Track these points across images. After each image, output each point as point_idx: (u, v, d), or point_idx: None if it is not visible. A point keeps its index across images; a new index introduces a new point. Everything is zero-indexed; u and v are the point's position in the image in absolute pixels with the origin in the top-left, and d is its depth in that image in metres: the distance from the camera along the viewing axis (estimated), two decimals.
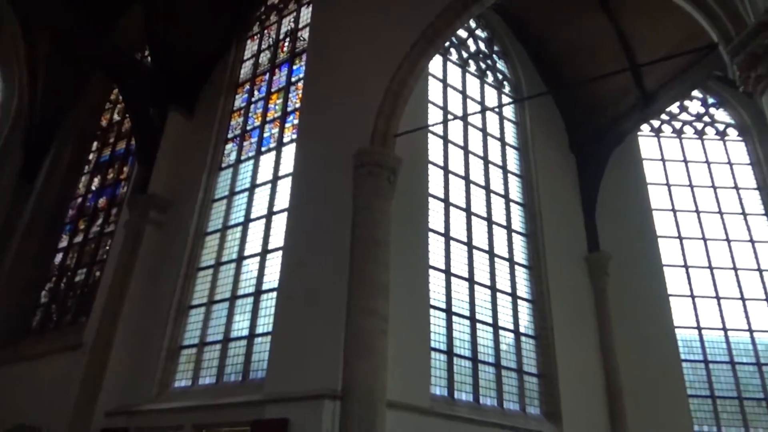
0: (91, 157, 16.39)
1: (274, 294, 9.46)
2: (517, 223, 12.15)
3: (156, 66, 13.89)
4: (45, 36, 16.32)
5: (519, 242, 11.93)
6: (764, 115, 6.47)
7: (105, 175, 15.42)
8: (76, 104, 17.05)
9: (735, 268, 12.97)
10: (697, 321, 12.41)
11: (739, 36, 6.57)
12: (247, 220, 10.94)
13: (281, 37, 13.31)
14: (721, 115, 15.08)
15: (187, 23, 13.44)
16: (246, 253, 10.55)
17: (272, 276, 9.79)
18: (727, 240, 13.33)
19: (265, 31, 13.89)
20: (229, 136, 12.69)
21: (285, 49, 13.04)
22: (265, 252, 10.20)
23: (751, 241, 13.27)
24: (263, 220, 10.63)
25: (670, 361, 11.76)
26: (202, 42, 13.69)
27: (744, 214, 13.60)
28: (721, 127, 14.90)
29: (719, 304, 12.60)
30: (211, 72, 13.84)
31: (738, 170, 14.25)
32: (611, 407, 11.19)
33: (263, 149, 11.72)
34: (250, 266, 10.38)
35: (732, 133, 14.80)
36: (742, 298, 12.63)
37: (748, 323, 12.35)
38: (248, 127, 12.47)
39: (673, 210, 13.73)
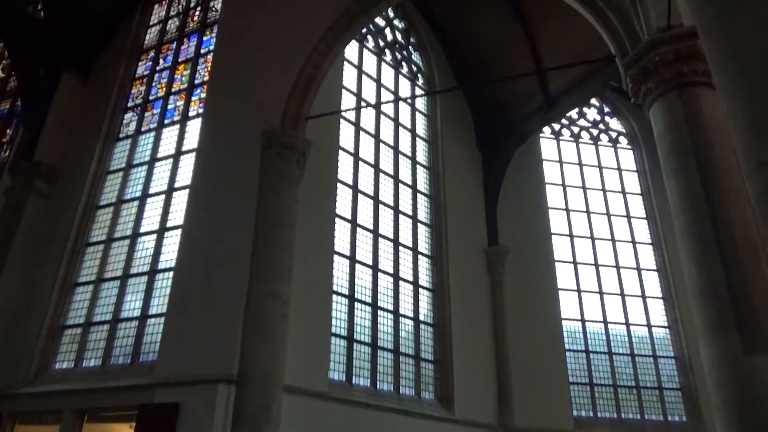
0: None
1: (171, 274, 9.06)
2: (423, 213, 12.42)
3: (50, 22, 12.75)
4: None
5: (423, 232, 12.20)
6: (651, 126, 7.02)
7: None
8: None
9: (617, 267, 14.03)
10: (582, 314, 13.33)
11: (633, 51, 7.06)
12: (145, 195, 10.37)
13: (192, 5, 12.65)
14: (615, 123, 16.18)
15: None
16: (142, 230, 10.00)
17: (169, 255, 9.36)
18: (612, 240, 14.38)
19: None
20: (129, 104, 11.93)
21: (195, 18, 12.41)
22: (163, 230, 9.72)
23: (633, 242, 14.39)
24: (163, 197, 10.12)
25: (555, 351, 12.54)
26: (105, 1, 12.71)
27: (628, 216, 14.71)
28: (614, 134, 15.99)
29: (602, 299, 13.58)
30: (113, 34, 12.89)
31: (626, 176, 15.37)
32: (500, 392, 11.79)
33: (166, 121, 11.13)
34: (146, 244, 9.85)
35: (623, 141, 15.92)
36: (622, 294, 13.70)
37: (626, 317, 13.43)
38: (151, 97, 11.77)
39: (567, 210, 14.59)
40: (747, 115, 2.59)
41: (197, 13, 12.44)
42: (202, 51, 11.66)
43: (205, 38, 11.85)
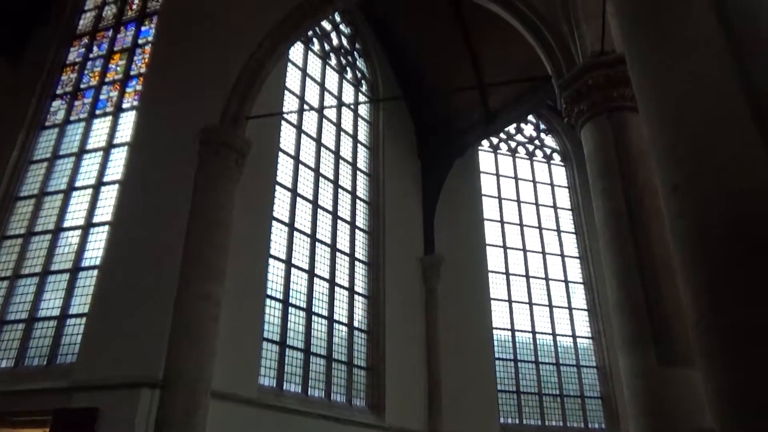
0: None
1: (95, 272, 8.66)
2: (361, 220, 12.44)
3: None
4: None
5: (361, 239, 12.22)
6: (582, 146, 7.34)
7: None
8: None
9: (547, 278, 14.53)
10: (512, 323, 13.71)
11: (569, 73, 7.37)
12: (71, 188, 9.87)
13: None
14: (550, 141, 16.79)
15: None
16: (65, 225, 9.51)
17: (95, 253, 8.94)
18: (543, 253, 14.88)
19: None
20: (58, 92, 11.33)
21: (134, 7, 11.96)
22: (89, 225, 9.28)
23: (562, 255, 14.96)
24: (90, 191, 9.66)
25: (485, 359, 12.83)
26: None
27: (558, 231, 15.28)
28: (548, 151, 16.58)
29: (531, 310, 14.02)
30: (43, 16, 12.23)
31: (558, 191, 15.96)
32: (430, 399, 11.93)
33: (98, 112, 10.64)
34: (70, 240, 9.38)
35: (557, 158, 16.54)
36: (550, 305, 14.19)
37: (553, 327, 13.93)
38: (82, 86, 11.24)
39: (501, 222, 14.99)
40: (664, 141, 2.76)
41: (136, 1, 12.00)
42: (140, 41, 11.26)
43: (143, 28, 11.45)
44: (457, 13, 12.59)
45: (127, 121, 10.12)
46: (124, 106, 10.43)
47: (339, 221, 11.74)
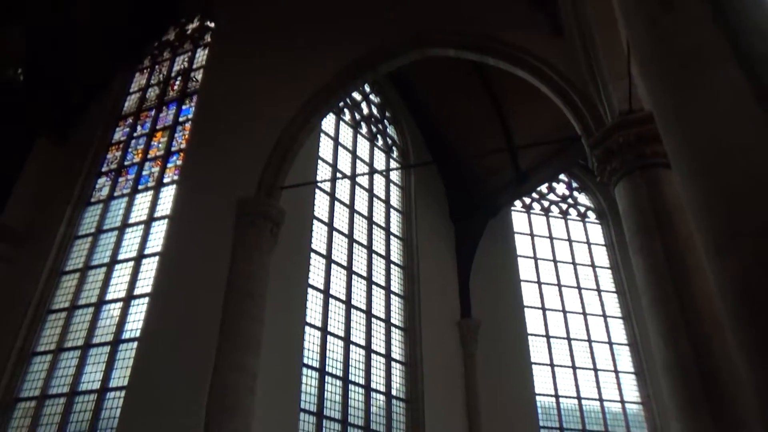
0: None
1: (135, 344, 8.76)
2: (396, 284, 12.38)
3: (30, 84, 12.81)
4: None
5: (397, 304, 12.12)
6: (617, 202, 7.27)
7: None
8: None
9: (590, 341, 14.03)
10: (555, 389, 13.16)
11: (598, 132, 7.40)
12: (114, 261, 10.16)
13: (173, 75, 12.92)
14: (583, 199, 16.65)
15: (72, 45, 12.63)
16: (108, 298, 9.74)
17: (135, 325, 9.09)
18: (584, 314, 14.45)
19: (157, 67, 13.42)
20: (104, 169, 11.89)
21: (175, 87, 12.65)
22: (130, 298, 9.48)
23: (604, 315, 14.49)
24: (132, 263, 9.93)
25: (529, 427, 12.28)
26: (87, 67, 12.85)
27: (599, 290, 14.88)
28: (582, 209, 16.42)
29: (575, 374, 13.48)
30: (93, 101, 13.01)
31: (595, 250, 15.66)
32: None
33: (140, 187, 11.09)
34: (112, 312, 9.57)
35: (591, 215, 16.34)
36: (595, 369, 13.63)
37: (599, 392, 13.31)
38: (126, 163, 11.78)
39: (539, 282, 14.71)
40: (701, 202, 2.72)
41: (177, 82, 12.70)
42: (181, 119, 11.82)
43: (184, 107, 12.04)
44: (483, 78, 12.92)
45: (168, 195, 10.50)
46: (165, 180, 10.85)
47: (374, 287, 11.71)
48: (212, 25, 13.12)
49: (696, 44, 3.24)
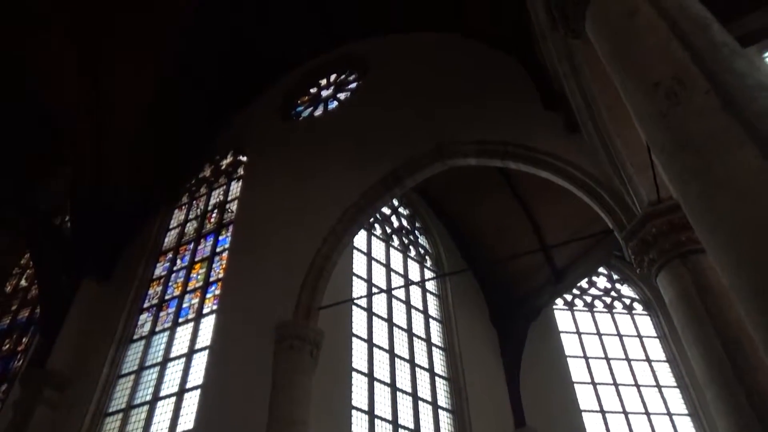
0: None
1: None
2: (443, 398, 11.87)
3: (76, 233, 13.54)
4: None
5: (445, 419, 11.54)
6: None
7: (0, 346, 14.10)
8: None
9: None
10: None
11: (629, 225, 7.35)
12: (155, 398, 10.08)
13: (209, 208, 13.54)
14: (627, 290, 16.16)
15: (113, 190, 13.45)
16: None
17: None
18: (647, 413, 13.48)
19: (194, 202, 14.12)
20: (145, 305, 12.16)
21: (212, 220, 13.20)
22: None
23: (668, 414, 13.48)
24: (173, 399, 9.83)
25: None
26: (127, 208, 13.60)
27: (659, 386, 13.97)
28: (627, 301, 15.88)
29: None
30: (133, 238, 13.61)
31: (648, 343, 14.91)
32: None
33: (180, 320, 11.24)
34: None
35: (638, 307, 15.76)
36: None
37: None
38: (167, 297, 12.05)
39: (593, 383, 13.93)
40: (744, 290, 2.64)
41: (214, 214, 13.27)
42: (218, 249, 12.20)
43: (220, 237, 12.48)
44: (509, 181, 13.17)
45: (208, 326, 10.58)
46: (205, 311, 11.00)
47: (420, 402, 11.25)
48: (244, 158, 13.93)
49: (708, 131, 3.30)
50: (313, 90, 14.92)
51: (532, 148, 9.54)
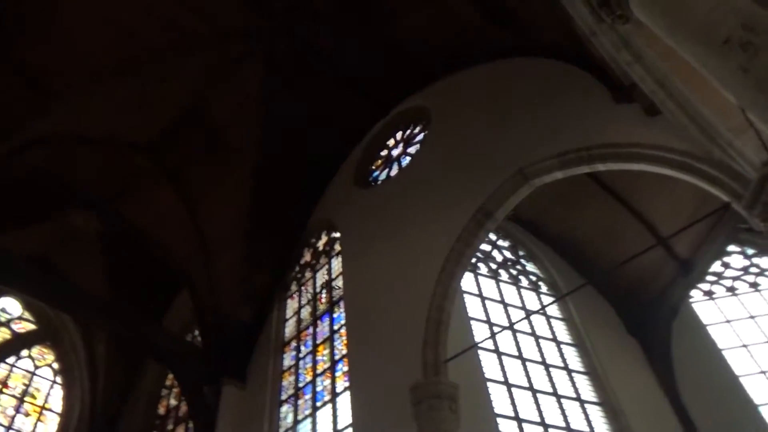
0: None
1: None
2: (601, 426, 11.10)
3: (206, 342, 14.49)
4: (102, 336, 17.40)
5: None
6: None
7: None
8: (132, 397, 17.38)
9: None
10: None
11: (747, 192, 6.77)
12: None
13: (317, 290, 13.98)
14: (767, 262, 14.67)
15: (230, 297, 14.44)
16: None
17: None
18: None
19: (302, 288, 14.66)
20: (283, 397, 12.55)
21: (323, 300, 13.59)
22: None
23: None
24: None
25: None
26: (245, 311, 14.46)
27: None
28: None
29: None
30: (257, 337, 14.29)
31: None
32: None
33: (318, 404, 11.47)
34: None
35: None
36: None
37: None
38: (300, 384, 12.38)
39: (763, 372, 12.52)
40: None
41: (323, 295, 13.67)
42: (335, 327, 12.48)
43: (335, 315, 12.79)
44: (602, 184, 12.65)
45: (345, 403, 10.70)
46: (338, 390, 11.17)
47: None
48: (337, 234, 14.38)
49: None
50: (383, 153, 15.33)
51: (614, 144, 9.18)
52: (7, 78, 11.71)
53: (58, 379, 17.86)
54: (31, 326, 18.40)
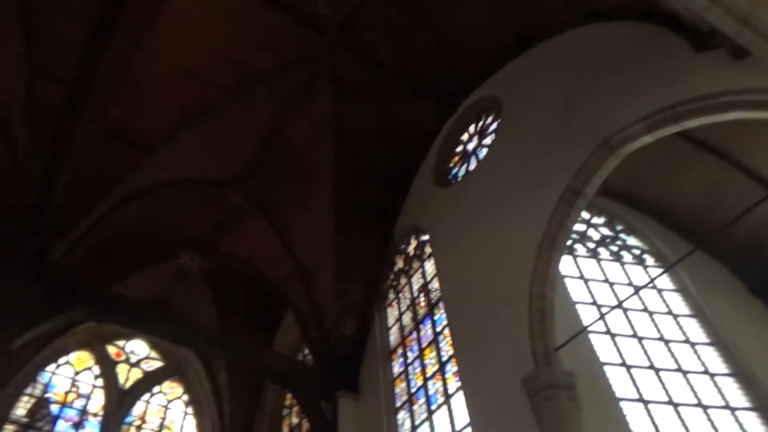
0: None
1: None
2: (738, 398, 10.31)
3: (317, 360, 14.97)
4: (222, 365, 18.49)
5: (748, 421, 9.95)
6: None
7: None
8: (257, 419, 18.24)
9: None
10: None
11: None
12: None
13: (415, 295, 14.03)
14: None
15: (331, 313, 14.87)
16: None
17: None
18: None
19: (400, 295, 14.77)
20: (398, 404, 12.68)
21: (422, 304, 13.62)
22: None
23: None
24: None
25: None
26: (348, 325, 14.81)
27: None
28: None
29: None
30: (364, 348, 14.57)
31: None
32: None
33: (433, 407, 11.47)
34: None
35: None
36: None
37: None
38: (412, 390, 12.46)
39: None
40: None
41: (421, 299, 13.70)
42: (438, 329, 12.46)
43: (436, 317, 12.77)
44: (693, 141, 11.83)
45: (459, 403, 10.63)
46: (450, 391, 11.12)
47: (711, 411, 9.88)
48: (426, 237, 14.38)
49: None
50: (458, 149, 15.19)
51: (702, 97, 8.55)
52: (99, 142, 12.76)
53: (189, 410, 19.14)
54: (159, 363, 19.87)
